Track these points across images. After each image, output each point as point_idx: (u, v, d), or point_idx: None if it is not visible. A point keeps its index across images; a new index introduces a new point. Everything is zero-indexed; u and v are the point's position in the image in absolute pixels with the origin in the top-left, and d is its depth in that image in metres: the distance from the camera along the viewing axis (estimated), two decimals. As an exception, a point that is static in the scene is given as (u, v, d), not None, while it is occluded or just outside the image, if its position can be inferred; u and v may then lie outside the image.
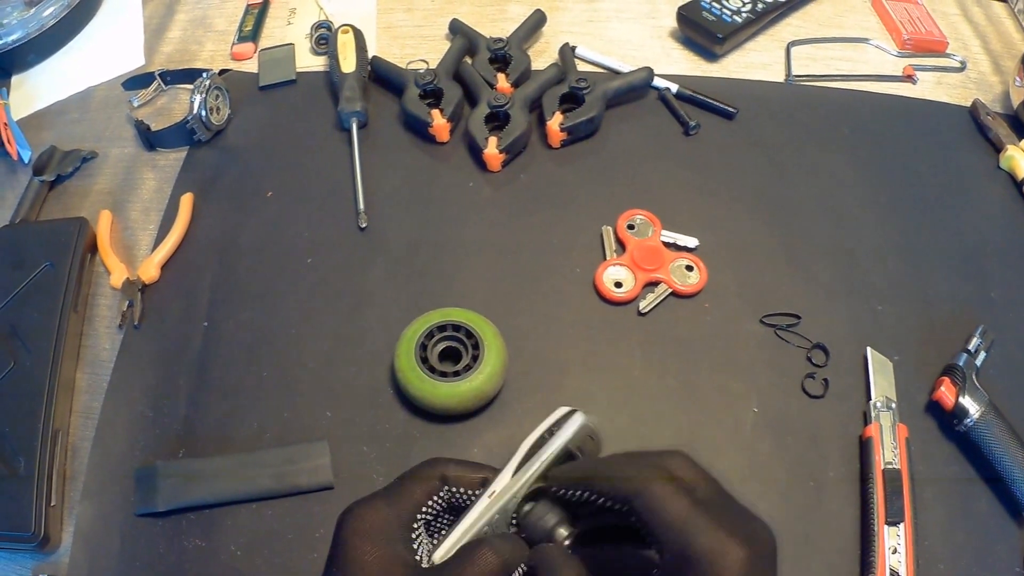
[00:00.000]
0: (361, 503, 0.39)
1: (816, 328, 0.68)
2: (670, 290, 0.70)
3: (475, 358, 0.62)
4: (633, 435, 0.63)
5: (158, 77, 0.88)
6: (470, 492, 0.41)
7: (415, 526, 0.39)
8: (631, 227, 0.74)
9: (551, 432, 0.41)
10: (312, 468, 0.61)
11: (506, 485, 0.39)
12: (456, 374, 0.61)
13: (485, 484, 0.40)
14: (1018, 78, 0.81)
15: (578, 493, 0.39)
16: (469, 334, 0.63)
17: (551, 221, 0.76)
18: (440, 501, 0.40)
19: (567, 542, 0.39)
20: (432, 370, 0.62)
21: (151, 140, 0.83)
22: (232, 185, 0.80)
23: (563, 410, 0.41)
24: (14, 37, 0.90)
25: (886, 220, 0.75)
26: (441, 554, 0.38)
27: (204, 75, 0.82)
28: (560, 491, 0.40)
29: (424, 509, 0.39)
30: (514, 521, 0.40)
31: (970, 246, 0.73)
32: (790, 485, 0.61)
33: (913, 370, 0.65)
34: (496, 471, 0.40)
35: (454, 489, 0.40)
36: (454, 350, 0.64)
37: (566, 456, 0.40)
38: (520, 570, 0.38)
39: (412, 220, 0.76)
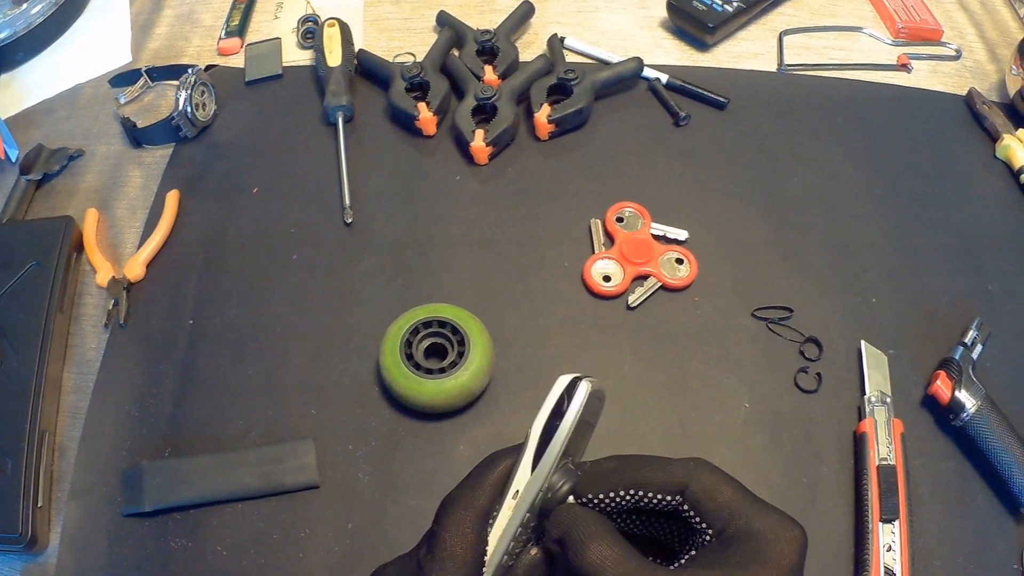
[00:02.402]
0: None
1: (809, 321, 0.67)
2: (660, 284, 0.69)
3: (461, 354, 0.61)
4: (623, 431, 0.63)
5: (144, 74, 0.88)
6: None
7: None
8: (620, 220, 0.73)
9: (559, 410, 0.38)
10: (298, 467, 0.61)
11: (528, 482, 0.35)
12: (442, 371, 0.61)
13: (503, 483, 0.36)
14: (1014, 66, 0.80)
15: (620, 496, 0.36)
16: (455, 330, 0.63)
17: (539, 214, 0.75)
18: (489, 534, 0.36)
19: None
20: (417, 367, 0.61)
21: (137, 137, 0.83)
22: (218, 182, 0.79)
23: (565, 380, 0.37)
24: (2, 36, 0.90)
25: (880, 211, 0.75)
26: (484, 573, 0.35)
27: (190, 71, 0.81)
28: (598, 500, 0.36)
29: (484, 560, 0.35)
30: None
31: (966, 237, 0.73)
32: (783, 481, 0.60)
33: (908, 364, 0.65)
34: (509, 452, 0.37)
35: (496, 513, 0.36)
36: (440, 347, 0.63)
37: (579, 425, 0.37)
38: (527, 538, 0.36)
39: (398, 215, 0.76)
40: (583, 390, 0.36)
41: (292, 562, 0.58)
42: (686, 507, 0.34)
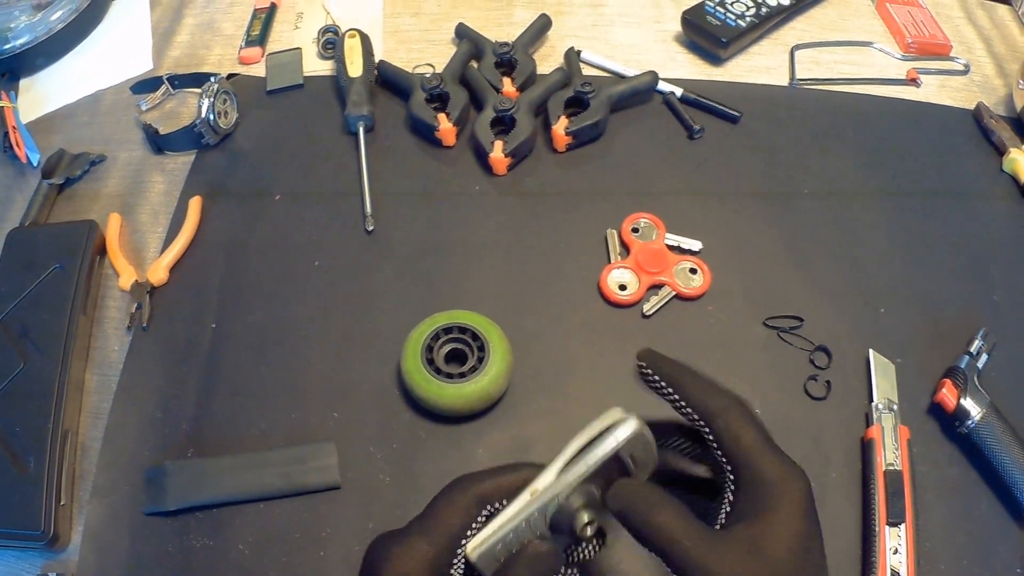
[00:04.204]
0: (395, 542, 0.36)
1: (819, 330, 0.68)
2: (674, 293, 0.70)
3: (481, 360, 0.62)
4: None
5: (166, 81, 0.89)
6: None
7: (454, 561, 0.37)
8: (635, 230, 0.74)
9: (602, 435, 0.37)
10: (319, 468, 0.62)
11: (549, 483, 0.37)
12: (462, 375, 0.62)
13: (526, 484, 0.37)
14: (1021, 81, 0.81)
15: (667, 390, 0.41)
16: (475, 336, 0.64)
17: (556, 224, 0.76)
18: (481, 525, 0.38)
19: (588, 530, 0.38)
20: (438, 371, 0.62)
21: (159, 143, 0.84)
22: (240, 189, 0.80)
23: (616, 412, 0.38)
24: (22, 41, 0.91)
25: (889, 223, 0.76)
26: (473, 546, 0.36)
27: (212, 79, 0.82)
28: (654, 379, 0.41)
29: (464, 540, 0.37)
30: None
31: (973, 249, 0.74)
32: (793, 486, 0.61)
33: (915, 372, 0.66)
34: (535, 467, 0.38)
35: (496, 506, 0.38)
36: (460, 352, 0.64)
37: (615, 463, 0.37)
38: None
39: (419, 223, 0.77)
40: (628, 427, 0.37)
41: (313, 561, 0.59)
42: (709, 435, 0.38)
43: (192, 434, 0.65)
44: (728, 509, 0.37)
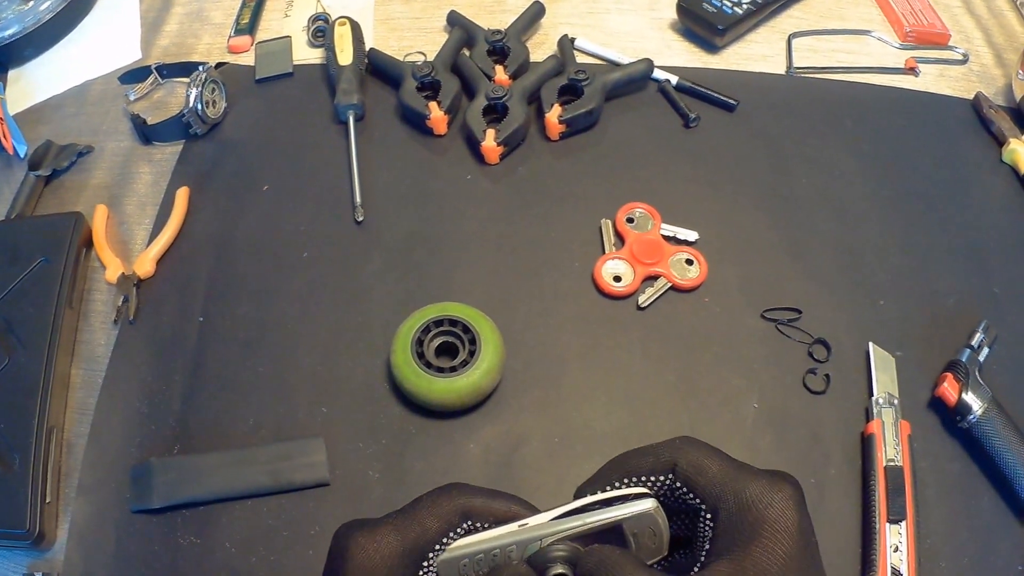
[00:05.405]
0: (367, 531, 0.35)
1: (817, 323, 0.67)
2: (670, 284, 0.69)
3: (472, 353, 0.62)
4: (632, 430, 0.63)
5: (154, 71, 0.88)
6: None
7: (425, 564, 0.35)
8: (630, 220, 0.73)
9: (615, 502, 0.36)
10: (308, 465, 0.61)
11: (540, 524, 0.36)
12: (453, 369, 0.61)
13: (516, 518, 0.37)
14: (1021, 71, 0.81)
15: (615, 487, 0.37)
16: (466, 329, 0.63)
17: (549, 214, 0.75)
18: (458, 536, 0.36)
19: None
20: (428, 365, 0.61)
21: (147, 134, 0.83)
22: (228, 179, 0.80)
23: (638, 490, 0.37)
24: (11, 31, 0.90)
25: (887, 214, 0.75)
26: (445, 555, 0.35)
27: (200, 68, 0.81)
28: (605, 493, 0.37)
29: (438, 547, 0.36)
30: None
31: (973, 240, 0.73)
32: (791, 482, 0.60)
33: (915, 366, 0.65)
34: (528, 507, 0.38)
35: (478, 525, 0.37)
36: (451, 345, 0.64)
37: (616, 534, 0.36)
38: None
39: (409, 214, 0.76)
40: (643, 504, 0.36)
41: (302, 560, 0.58)
42: (679, 484, 0.35)
43: (179, 430, 0.64)
44: (708, 547, 0.34)
